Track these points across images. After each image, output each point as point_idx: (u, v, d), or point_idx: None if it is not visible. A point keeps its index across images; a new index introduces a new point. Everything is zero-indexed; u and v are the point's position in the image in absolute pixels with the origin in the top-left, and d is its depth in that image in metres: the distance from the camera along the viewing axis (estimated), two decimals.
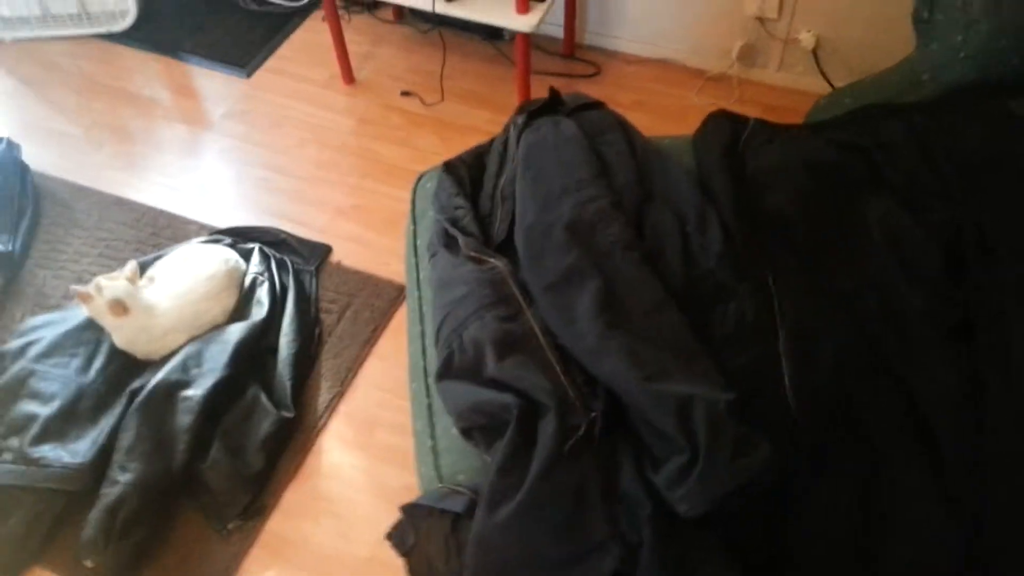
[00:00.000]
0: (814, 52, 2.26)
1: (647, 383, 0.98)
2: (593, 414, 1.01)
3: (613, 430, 1.02)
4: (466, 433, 1.09)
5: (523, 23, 2.05)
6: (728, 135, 1.40)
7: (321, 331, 1.87)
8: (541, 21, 2.09)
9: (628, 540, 0.94)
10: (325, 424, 1.72)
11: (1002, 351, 1.09)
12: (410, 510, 1.12)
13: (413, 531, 1.11)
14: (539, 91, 2.42)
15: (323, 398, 1.75)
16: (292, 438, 1.69)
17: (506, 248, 1.23)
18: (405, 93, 2.48)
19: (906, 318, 1.14)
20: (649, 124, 2.10)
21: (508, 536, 0.97)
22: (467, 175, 1.39)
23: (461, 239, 1.22)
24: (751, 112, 2.29)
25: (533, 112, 1.39)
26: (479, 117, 2.39)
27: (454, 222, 1.27)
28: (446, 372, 1.11)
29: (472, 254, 1.20)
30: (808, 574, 1.00)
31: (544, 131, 1.32)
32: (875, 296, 1.17)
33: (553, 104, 1.44)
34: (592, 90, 2.46)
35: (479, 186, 1.36)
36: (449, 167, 1.40)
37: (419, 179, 1.51)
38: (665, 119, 2.38)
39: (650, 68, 2.53)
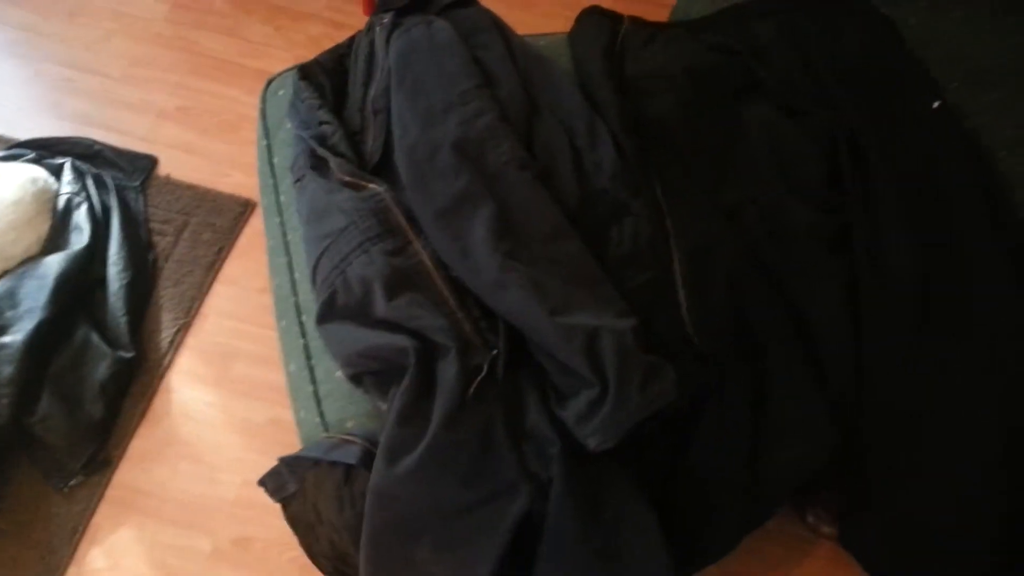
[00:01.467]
0: None
1: (553, 317, 0.92)
2: (495, 352, 0.95)
3: (516, 366, 0.97)
4: (355, 379, 1.00)
5: None
6: (605, 35, 1.32)
7: (156, 257, 1.66)
8: None
9: (538, 479, 0.91)
10: (172, 361, 1.56)
11: (876, 259, 1.13)
12: (292, 462, 1.03)
13: (295, 479, 1.02)
14: None
15: (166, 332, 1.58)
16: (134, 380, 1.51)
17: (383, 170, 1.11)
18: None
19: (789, 232, 1.15)
20: (499, 11, 1.98)
21: (412, 487, 0.91)
22: (328, 82, 1.23)
23: (333, 161, 1.09)
24: (643, 5, 2.23)
25: (400, 10, 1.24)
26: (318, 2, 2.15)
27: (321, 140, 1.12)
28: (329, 313, 1.00)
29: (347, 179, 1.07)
30: (701, 482, 1.02)
31: (416, 33, 1.18)
32: (757, 209, 1.17)
33: (422, 2, 1.28)
34: None
35: (343, 96, 1.21)
36: (305, 72, 1.23)
37: (267, 85, 1.33)
38: (515, 7, 2.24)
39: None
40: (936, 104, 1.28)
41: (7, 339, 1.40)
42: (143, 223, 1.69)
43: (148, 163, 1.79)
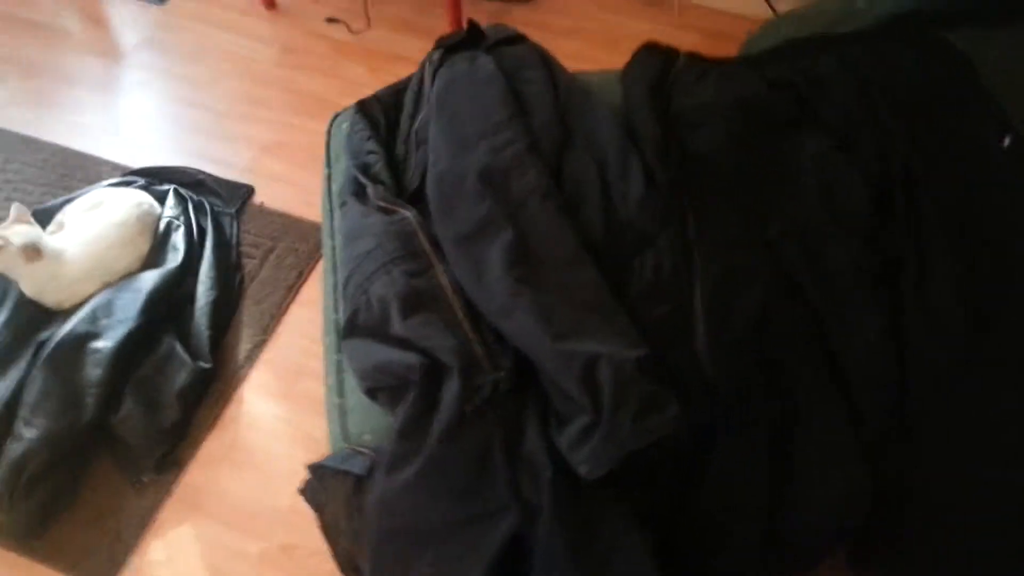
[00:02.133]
0: None
1: (555, 342, 0.93)
2: (500, 374, 0.97)
3: (521, 390, 0.98)
4: (371, 393, 1.05)
5: None
6: (657, 70, 1.33)
7: (243, 277, 1.79)
8: None
9: (529, 503, 0.91)
10: (246, 374, 1.66)
11: (923, 299, 1.07)
12: (316, 470, 1.08)
13: (322, 489, 1.08)
14: (472, 16, 2.31)
15: (244, 347, 1.69)
16: (210, 389, 1.63)
17: (420, 197, 1.16)
18: (331, 19, 2.35)
19: (831, 266, 1.11)
20: (581, 51, 2.02)
21: (408, 500, 0.93)
22: (383, 115, 1.31)
23: (370, 188, 1.15)
24: (690, 38, 2.25)
25: (450, 47, 1.30)
26: (410, 46, 2.27)
27: (365, 169, 1.19)
28: (351, 330, 1.06)
29: (381, 204, 1.13)
30: (716, 526, 0.99)
31: (459, 68, 1.23)
32: (800, 243, 1.13)
33: (472, 38, 1.35)
34: (528, 16, 2.37)
35: (397, 128, 1.28)
36: (363, 107, 1.32)
37: (333, 119, 1.42)
38: (599, 46, 2.29)
39: None
40: (1007, 141, 1.20)
41: (99, 344, 1.54)
42: (235, 246, 1.83)
43: (245, 192, 1.94)
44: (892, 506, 1.03)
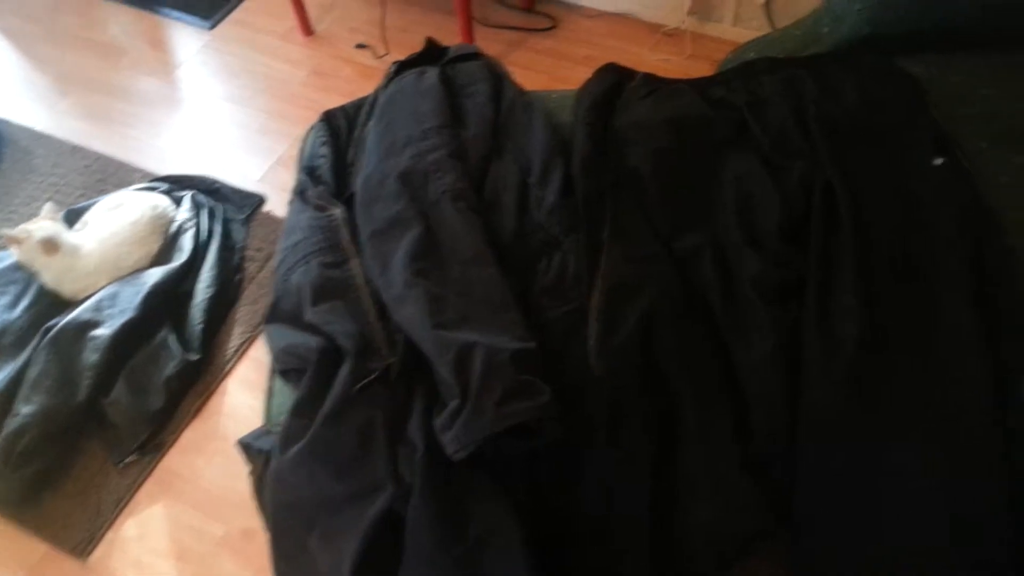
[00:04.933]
0: (766, 6, 2.19)
1: (435, 330, 0.99)
2: (392, 359, 1.03)
3: (415, 377, 1.03)
4: (284, 375, 1.12)
5: None
6: (605, 88, 1.38)
7: (242, 278, 1.91)
8: None
9: (404, 481, 0.96)
10: (233, 367, 1.77)
11: (822, 317, 1.07)
12: (239, 447, 1.16)
13: (248, 466, 1.16)
14: (489, 44, 2.41)
15: (234, 343, 1.80)
16: (198, 379, 1.74)
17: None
18: (360, 46, 2.48)
19: (737, 282, 1.12)
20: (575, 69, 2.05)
21: (297, 474, 1.00)
22: (346, 124, 1.40)
23: (311, 188, 1.24)
24: (700, 67, 2.27)
25: (406, 63, 1.39)
26: None
27: (311, 171, 1.29)
28: (273, 315, 1.14)
29: (316, 202, 1.22)
30: (601, 540, 1.00)
31: (405, 81, 1.32)
32: (711, 257, 1.15)
33: (431, 55, 1.43)
34: (545, 44, 2.45)
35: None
36: (328, 117, 1.41)
37: (309, 129, 1.52)
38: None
39: (607, 23, 2.48)
40: (939, 162, 1.19)
41: (99, 332, 1.68)
42: (239, 250, 1.96)
43: (256, 200, 2.08)
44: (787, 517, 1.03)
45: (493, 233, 1.14)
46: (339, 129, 1.38)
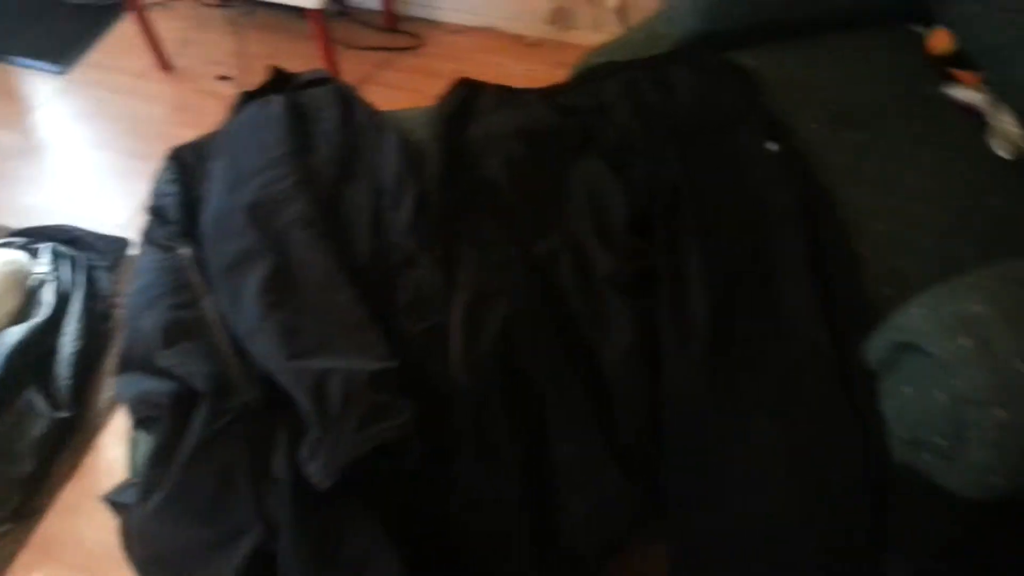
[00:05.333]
0: (619, 12, 2.25)
1: (290, 361, 0.97)
2: (250, 395, 1.00)
3: (277, 411, 1.01)
4: (141, 424, 1.08)
5: (310, 0, 2.01)
6: (456, 103, 1.40)
7: (111, 327, 1.83)
8: None
9: (272, 520, 0.94)
10: (107, 421, 1.69)
11: (676, 307, 1.11)
12: (106, 503, 1.11)
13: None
14: (355, 66, 2.40)
15: (107, 394, 1.72)
16: (71, 437, 1.66)
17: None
18: (222, 77, 2.43)
19: (593, 280, 1.15)
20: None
21: (157, 527, 0.96)
22: (195, 159, 1.36)
23: (157, 229, 1.20)
24: (565, 74, 2.31)
25: (251, 93, 1.37)
26: None
27: (159, 210, 1.25)
28: (123, 365, 1.10)
29: (164, 243, 1.18)
30: (481, 546, 1.01)
31: (249, 112, 1.30)
32: (568, 259, 1.17)
33: (281, 82, 1.41)
34: (413, 62, 2.45)
35: None
36: (175, 153, 1.38)
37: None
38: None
39: (473, 37, 2.51)
40: (772, 148, 1.25)
41: None
42: (105, 298, 1.88)
43: (121, 245, 2.00)
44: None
45: (349, 256, 1.13)
46: (188, 165, 1.35)
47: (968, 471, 0.84)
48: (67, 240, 1.98)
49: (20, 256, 1.86)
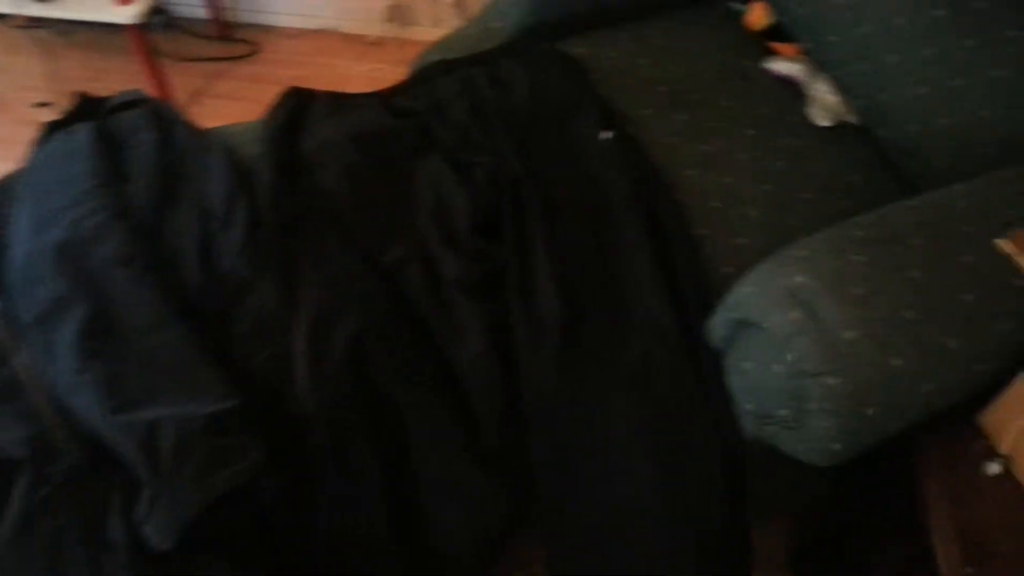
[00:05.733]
0: (458, 5, 2.23)
1: (115, 415, 0.90)
2: (75, 457, 0.92)
3: (107, 472, 0.93)
4: None
5: (124, 15, 1.88)
6: (287, 113, 1.33)
7: None
8: (149, 10, 1.92)
9: None
10: None
11: (526, 304, 1.10)
12: None
13: None
14: (187, 79, 2.28)
15: None
16: None
17: None
18: (41, 104, 2.25)
19: (442, 284, 1.12)
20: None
21: None
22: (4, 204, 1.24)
23: None
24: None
25: (57, 123, 1.26)
26: None
27: None
28: None
29: None
30: (352, 570, 0.97)
31: (51, 145, 1.19)
32: (417, 265, 1.14)
33: (89, 108, 1.31)
34: (249, 70, 2.35)
35: None
36: None
37: None
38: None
39: (311, 40, 2.43)
40: (606, 135, 1.26)
41: None
42: None
43: None
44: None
45: (178, 290, 1.06)
46: None
47: (811, 440, 0.87)
48: None
49: None
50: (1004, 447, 0.88)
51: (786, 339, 0.86)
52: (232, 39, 2.41)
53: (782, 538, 1.34)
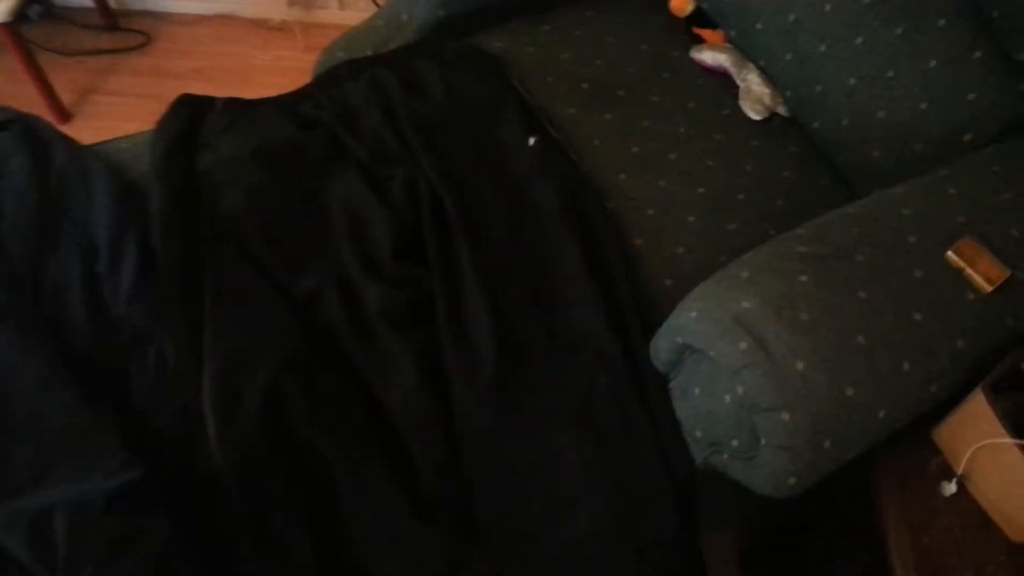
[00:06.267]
0: None
1: None
2: None
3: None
4: None
5: None
6: (180, 126, 1.20)
7: None
8: (23, 1, 1.74)
9: None
10: None
11: (457, 331, 1.02)
12: None
13: None
14: (74, 76, 2.09)
15: None
16: None
17: None
18: None
19: (365, 315, 1.04)
20: (210, 92, 1.86)
21: None
22: None
23: None
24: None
25: None
26: None
27: None
28: None
29: None
30: None
31: None
32: (335, 294, 1.05)
33: None
34: (144, 63, 2.17)
35: None
36: None
37: None
38: (228, 85, 2.13)
39: (207, 27, 2.26)
40: (532, 141, 1.18)
41: None
42: None
43: None
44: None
45: (65, 345, 0.94)
46: None
47: (765, 474, 0.82)
48: None
49: None
50: (959, 467, 0.85)
51: (735, 372, 0.81)
52: (122, 29, 2.22)
53: (734, 542, 1.32)
